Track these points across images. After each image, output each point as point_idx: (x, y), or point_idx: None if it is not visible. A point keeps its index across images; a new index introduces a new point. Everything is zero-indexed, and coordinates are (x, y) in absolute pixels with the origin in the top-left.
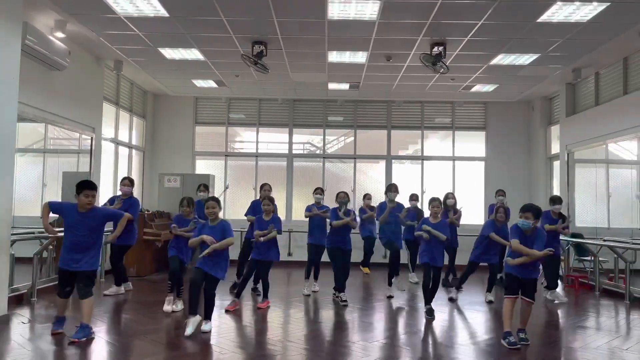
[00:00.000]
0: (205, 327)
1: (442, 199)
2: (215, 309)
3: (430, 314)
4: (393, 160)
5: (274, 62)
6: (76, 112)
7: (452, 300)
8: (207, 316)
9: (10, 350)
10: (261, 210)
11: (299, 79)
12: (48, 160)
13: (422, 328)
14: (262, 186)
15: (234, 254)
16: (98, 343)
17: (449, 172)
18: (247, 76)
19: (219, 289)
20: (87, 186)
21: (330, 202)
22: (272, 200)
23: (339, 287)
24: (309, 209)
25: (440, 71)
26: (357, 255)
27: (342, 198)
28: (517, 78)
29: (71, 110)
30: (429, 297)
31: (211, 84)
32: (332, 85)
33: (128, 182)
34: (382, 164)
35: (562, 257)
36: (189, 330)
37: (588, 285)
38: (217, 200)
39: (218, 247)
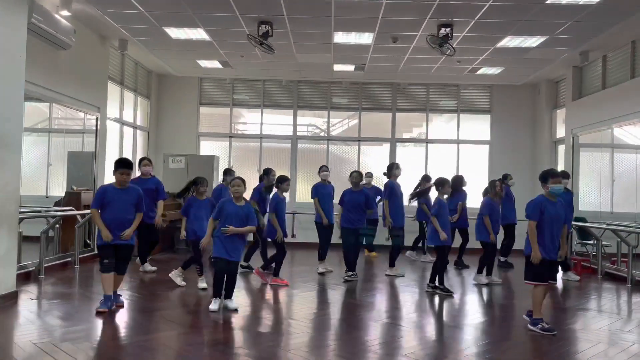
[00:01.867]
0: (232, 305)
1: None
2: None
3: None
4: (397, 143)
5: (279, 42)
6: (81, 91)
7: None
8: (230, 295)
9: (19, 325)
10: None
11: (304, 60)
12: (53, 140)
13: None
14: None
15: None
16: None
17: (454, 155)
18: (252, 57)
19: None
20: (123, 165)
21: (335, 181)
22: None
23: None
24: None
25: (447, 53)
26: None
27: (355, 178)
28: (523, 61)
29: (76, 89)
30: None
31: (216, 64)
32: (337, 67)
33: (148, 161)
34: (386, 146)
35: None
36: (214, 307)
37: (590, 269)
38: (242, 180)
39: (241, 232)
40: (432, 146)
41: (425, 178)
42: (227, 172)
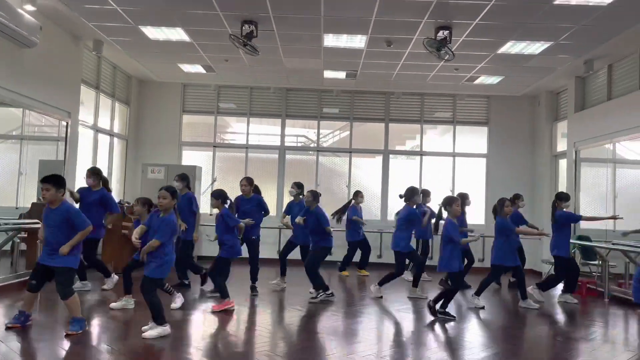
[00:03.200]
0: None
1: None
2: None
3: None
4: (390, 155)
5: (265, 45)
6: (49, 94)
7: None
8: None
9: None
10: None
11: (292, 65)
12: (26, 147)
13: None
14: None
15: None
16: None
17: (449, 169)
18: (237, 61)
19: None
20: (43, 180)
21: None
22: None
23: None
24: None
25: (445, 58)
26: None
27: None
28: (524, 69)
29: (44, 92)
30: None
31: (199, 69)
32: (327, 74)
33: (89, 172)
34: (378, 158)
35: None
36: None
37: (596, 291)
38: (169, 190)
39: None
40: (427, 159)
41: (425, 193)
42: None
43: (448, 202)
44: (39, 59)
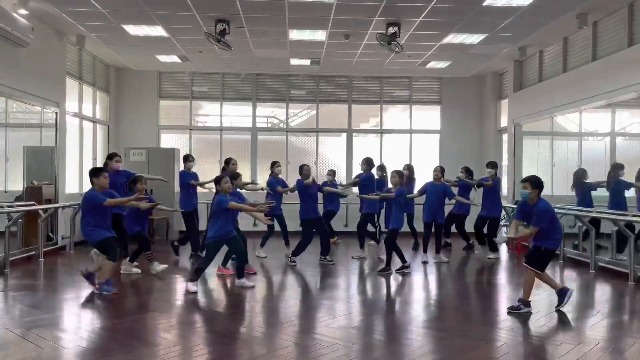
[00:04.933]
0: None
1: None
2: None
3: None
4: (354, 134)
5: (236, 39)
6: (40, 87)
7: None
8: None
9: None
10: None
11: (261, 55)
12: (10, 134)
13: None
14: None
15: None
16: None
17: (407, 145)
18: (211, 52)
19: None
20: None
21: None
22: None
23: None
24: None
25: (395, 50)
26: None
27: (307, 170)
28: (468, 55)
29: (35, 85)
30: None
31: (175, 59)
32: (294, 61)
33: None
34: (343, 137)
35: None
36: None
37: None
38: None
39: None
40: (387, 136)
41: (381, 168)
42: (187, 158)
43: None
44: (30, 56)
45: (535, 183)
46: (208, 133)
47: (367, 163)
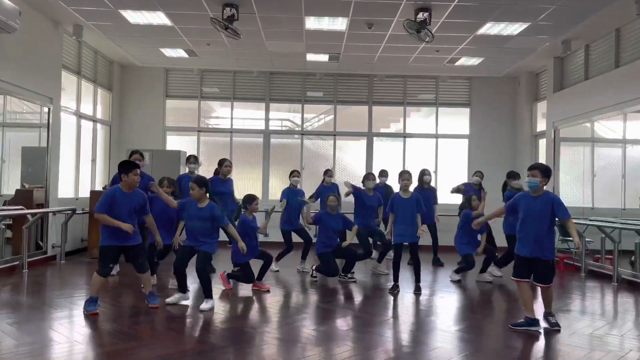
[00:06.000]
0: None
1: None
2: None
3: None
4: (375, 138)
5: (247, 28)
6: (31, 80)
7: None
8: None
9: None
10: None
11: (274, 49)
12: (8, 134)
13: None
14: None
15: None
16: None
17: (432, 150)
18: (219, 44)
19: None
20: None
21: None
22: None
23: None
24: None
25: (425, 40)
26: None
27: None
28: (504, 50)
29: (25, 78)
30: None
31: (181, 53)
32: (310, 57)
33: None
34: (363, 141)
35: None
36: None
37: (573, 266)
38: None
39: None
40: (410, 141)
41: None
42: (188, 159)
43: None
44: (19, 45)
45: (545, 171)
46: (218, 135)
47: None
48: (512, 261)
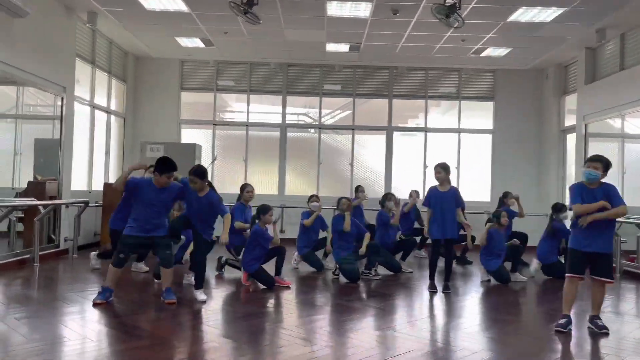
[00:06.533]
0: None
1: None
2: None
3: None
4: (395, 132)
5: (266, 15)
6: (43, 67)
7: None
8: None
9: None
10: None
11: (293, 37)
12: (22, 127)
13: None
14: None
15: None
16: None
17: (454, 145)
18: (237, 33)
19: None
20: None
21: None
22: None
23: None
24: None
25: (455, 25)
26: None
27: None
28: (534, 40)
29: (37, 65)
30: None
31: (197, 42)
32: (330, 47)
33: None
34: (382, 136)
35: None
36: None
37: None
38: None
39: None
40: (432, 135)
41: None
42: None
43: None
44: (31, 31)
45: (607, 165)
46: (233, 129)
47: None
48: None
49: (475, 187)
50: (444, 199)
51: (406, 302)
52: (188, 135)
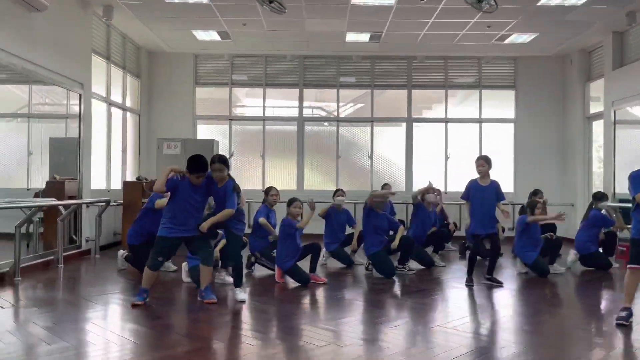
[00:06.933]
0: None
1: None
2: None
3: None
4: (414, 123)
5: (289, 4)
6: (61, 63)
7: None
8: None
9: None
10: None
11: (313, 28)
12: (33, 126)
13: None
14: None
15: None
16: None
17: (475, 136)
18: (255, 25)
19: None
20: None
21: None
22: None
23: None
24: None
25: (486, 10)
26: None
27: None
28: (560, 24)
29: (55, 60)
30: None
31: (214, 36)
32: (350, 37)
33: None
34: (401, 127)
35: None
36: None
37: None
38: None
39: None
40: (452, 126)
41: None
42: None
43: None
44: (48, 25)
45: None
46: (249, 123)
47: None
48: None
49: (497, 177)
50: (485, 192)
51: (444, 297)
52: (204, 131)
